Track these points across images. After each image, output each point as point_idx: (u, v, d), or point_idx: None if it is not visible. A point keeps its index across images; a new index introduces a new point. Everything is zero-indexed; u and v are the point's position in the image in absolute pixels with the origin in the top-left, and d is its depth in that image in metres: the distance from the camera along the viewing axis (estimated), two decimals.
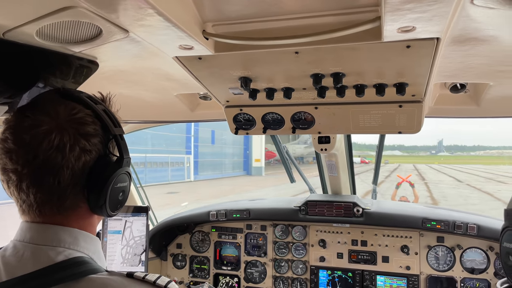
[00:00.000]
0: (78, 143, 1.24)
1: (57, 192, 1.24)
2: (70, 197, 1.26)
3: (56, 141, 1.20)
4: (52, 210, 1.26)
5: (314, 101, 2.13)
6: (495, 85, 2.00)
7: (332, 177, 3.67)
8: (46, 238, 1.24)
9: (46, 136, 1.20)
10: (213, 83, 2.00)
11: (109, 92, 1.51)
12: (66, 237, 1.26)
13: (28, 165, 1.20)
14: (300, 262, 3.66)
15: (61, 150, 1.21)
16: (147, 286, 1.22)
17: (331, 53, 1.58)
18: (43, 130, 1.21)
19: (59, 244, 1.24)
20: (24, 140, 1.21)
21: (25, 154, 1.20)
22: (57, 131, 1.22)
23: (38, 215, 1.26)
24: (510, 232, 1.17)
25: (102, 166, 1.30)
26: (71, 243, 1.26)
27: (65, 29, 1.36)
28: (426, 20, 1.23)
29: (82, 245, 1.28)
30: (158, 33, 1.38)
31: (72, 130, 1.24)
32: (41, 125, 1.22)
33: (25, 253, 1.22)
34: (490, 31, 1.40)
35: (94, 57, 1.70)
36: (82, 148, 1.24)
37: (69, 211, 1.29)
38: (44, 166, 1.20)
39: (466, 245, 3.26)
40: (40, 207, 1.25)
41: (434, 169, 79.54)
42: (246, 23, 1.47)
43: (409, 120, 2.13)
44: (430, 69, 1.65)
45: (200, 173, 44.23)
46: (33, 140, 1.20)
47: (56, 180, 1.21)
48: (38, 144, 1.20)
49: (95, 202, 1.29)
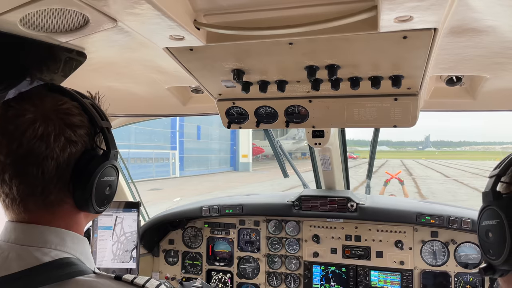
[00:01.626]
0: (64, 133, 1.21)
1: (41, 184, 1.19)
2: (54, 191, 1.22)
3: (40, 130, 1.17)
4: (37, 204, 1.22)
5: (308, 94, 2.10)
6: (491, 77, 1.98)
7: (326, 172, 3.64)
8: (31, 238, 1.20)
9: (30, 125, 1.17)
10: (205, 76, 1.95)
11: (98, 92, 1.46)
12: (52, 237, 1.22)
13: (12, 155, 1.17)
14: (294, 258, 3.63)
15: (45, 140, 1.17)
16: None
17: (326, 44, 1.55)
18: (27, 119, 1.18)
19: (45, 245, 1.20)
20: (7, 130, 1.18)
21: (9, 144, 1.17)
22: (42, 120, 1.19)
23: (23, 210, 1.22)
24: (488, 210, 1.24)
25: (88, 159, 1.26)
26: (57, 243, 1.22)
27: (50, 17, 1.32)
28: (423, 9, 1.20)
29: (69, 246, 1.24)
30: (147, 23, 1.34)
31: (57, 120, 1.21)
32: (25, 114, 1.19)
33: (10, 254, 1.18)
34: (488, 21, 1.37)
35: (81, 48, 1.65)
36: (68, 139, 1.21)
37: (54, 207, 1.25)
38: (27, 156, 1.17)
39: (460, 240, 3.25)
40: (23, 201, 1.21)
41: (422, 164, 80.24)
42: (239, 13, 1.44)
43: (405, 114, 2.10)
44: (426, 61, 1.62)
45: (186, 169, 44.05)
46: (16, 129, 1.17)
47: (39, 170, 1.18)
48: (22, 133, 1.17)
49: (80, 196, 1.25)
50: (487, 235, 1.22)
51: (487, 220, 1.23)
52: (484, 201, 1.27)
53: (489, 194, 1.24)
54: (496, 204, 1.19)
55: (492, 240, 1.20)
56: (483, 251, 1.25)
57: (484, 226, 1.24)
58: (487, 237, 1.22)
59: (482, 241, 1.26)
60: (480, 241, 1.28)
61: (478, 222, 1.29)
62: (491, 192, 1.23)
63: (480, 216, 1.27)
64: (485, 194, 1.27)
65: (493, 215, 1.20)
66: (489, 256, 1.21)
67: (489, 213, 1.23)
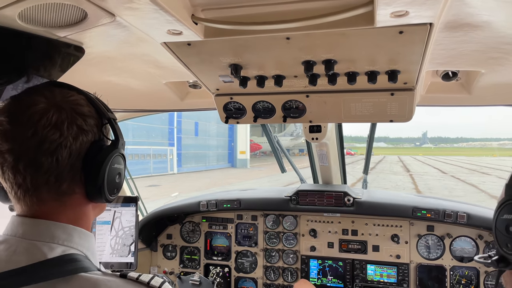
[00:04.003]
0: (76, 121, 1.23)
1: (55, 172, 1.20)
2: (67, 180, 1.24)
3: (54, 118, 1.19)
4: (50, 194, 1.23)
5: (305, 89, 2.11)
6: (487, 72, 1.99)
7: (323, 166, 3.66)
8: (39, 233, 1.21)
9: (43, 113, 1.19)
10: (203, 70, 1.96)
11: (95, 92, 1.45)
12: (60, 233, 1.23)
13: (27, 143, 1.18)
14: (291, 252, 3.66)
15: (59, 127, 1.19)
16: (141, 287, 1.20)
17: (323, 39, 1.56)
18: (40, 108, 1.20)
19: (52, 240, 1.21)
20: (21, 119, 1.19)
21: (23, 132, 1.18)
22: (55, 109, 1.21)
23: (36, 201, 1.23)
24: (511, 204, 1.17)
25: (98, 148, 1.28)
26: (65, 239, 1.23)
27: (49, 12, 1.32)
28: (419, 4, 1.21)
29: (76, 241, 1.25)
30: (145, 17, 1.34)
31: (69, 109, 1.24)
32: (38, 104, 1.21)
33: (18, 248, 1.19)
34: (484, 16, 1.38)
35: (80, 43, 1.65)
36: (79, 127, 1.24)
37: (65, 196, 1.26)
38: (42, 144, 1.18)
39: (455, 233, 3.28)
40: (37, 191, 1.22)
41: (419, 160, 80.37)
42: (236, 8, 1.45)
43: (401, 108, 2.12)
44: (422, 56, 1.64)
45: (184, 165, 43.88)
46: (30, 118, 1.18)
47: (54, 158, 1.19)
48: (36, 121, 1.18)
49: (92, 184, 1.27)
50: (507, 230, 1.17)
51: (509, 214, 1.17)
52: (507, 194, 1.20)
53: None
54: None
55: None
56: (499, 244, 1.20)
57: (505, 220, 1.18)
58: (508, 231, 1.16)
59: (500, 234, 1.20)
60: (496, 233, 1.22)
61: (496, 214, 1.23)
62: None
63: (500, 209, 1.21)
64: (509, 186, 1.20)
65: None
66: (505, 250, 1.17)
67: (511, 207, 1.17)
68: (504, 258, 1.18)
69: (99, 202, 1.36)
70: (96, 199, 1.32)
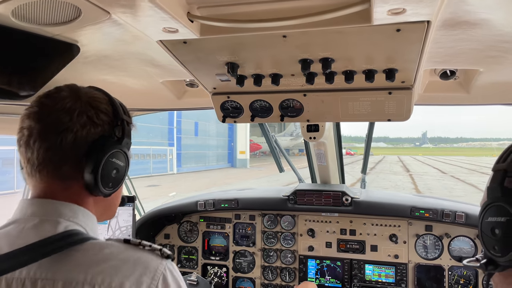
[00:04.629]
0: (87, 112, 1.36)
1: (58, 152, 1.31)
2: (68, 163, 1.33)
3: (68, 105, 1.34)
4: (53, 173, 1.34)
5: (302, 88, 2.10)
6: (485, 71, 1.98)
7: (321, 166, 3.65)
8: (47, 211, 1.32)
9: (62, 100, 1.35)
10: (199, 69, 1.95)
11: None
12: (67, 211, 1.33)
13: (40, 121, 1.32)
14: (289, 252, 3.65)
15: (70, 113, 1.33)
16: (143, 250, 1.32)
17: (320, 37, 1.55)
18: (62, 95, 1.37)
19: (59, 217, 1.31)
20: (45, 103, 1.35)
21: (41, 113, 1.33)
22: (72, 98, 1.36)
23: (39, 179, 1.34)
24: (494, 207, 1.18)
25: (102, 141, 1.38)
26: (70, 216, 1.33)
27: (43, 9, 1.31)
28: (416, 1, 1.20)
29: (81, 219, 1.36)
30: (140, 15, 1.33)
31: (85, 101, 1.37)
32: (61, 93, 1.38)
33: (26, 225, 1.29)
34: (481, 14, 1.37)
35: (75, 41, 1.64)
36: (90, 118, 1.36)
37: (67, 180, 1.36)
38: (52, 124, 1.31)
39: (454, 233, 3.27)
40: (40, 166, 1.33)
41: (419, 160, 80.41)
42: (232, 5, 1.44)
43: (399, 107, 2.11)
44: (420, 54, 1.63)
45: (184, 166, 43.82)
46: (51, 102, 1.35)
47: (59, 139, 1.31)
48: (53, 105, 1.34)
49: (88, 173, 1.34)
50: (493, 232, 1.17)
51: (493, 217, 1.17)
52: (490, 197, 1.21)
53: (496, 190, 1.18)
54: (505, 201, 1.14)
55: (500, 237, 1.14)
56: (486, 247, 1.20)
57: (490, 223, 1.18)
58: (493, 234, 1.16)
59: (486, 237, 1.20)
60: (483, 236, 1.22)
61: (481, 217, 1.22)
62: (499, 188, 1.17)
63: (484, 212, 1.21)
64: (491, 189, 1.21)
65: (502, 212, 1.14)
66: (493, 253, 1.16)
67: (496, 209, 1.17)
68: (492, 261, 1.18)
69: (95, 195, 1.40)
70: (92, 189, 1.37)
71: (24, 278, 1.22)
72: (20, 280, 1.22)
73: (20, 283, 1.22)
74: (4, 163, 19.06)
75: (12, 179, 16.27)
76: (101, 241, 1.30)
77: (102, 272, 1.21)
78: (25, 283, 1.21)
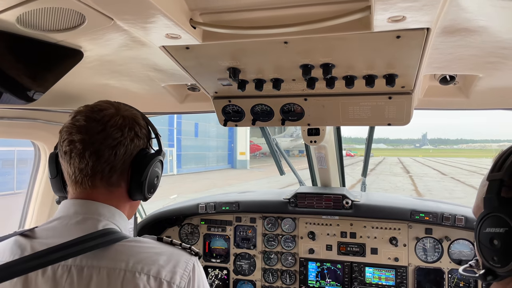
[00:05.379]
0: (134, 127, 1.55)
1: (111, 163, 1.48)
2: (117, 173, 1.51)
3: (119, 122, 1.50)
4: (102, 181, 1.49)
5: (303, 92, 2.12)
6: (484, 76, 2.00)
7: (321, 169, 3.66)
8: (89, 210, 1.47)
9: (112, 117, 1.51)
10: (201, 74, 1.97)
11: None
12: (105, 211, 1.49)
13: (96, 136, 1.46)
14: (289, 254, 3.66)
15: (122, 129, 1.50)
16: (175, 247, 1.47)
17: (321, 43, 1.57)
18: (110, 112, 1.52)
19: (99, 216, 1.46)
20: (95, 118, 1.49)
21: (95, 127, 1.47)
22: (121, 115, 1.53)
23: (90, 185, 1.49)
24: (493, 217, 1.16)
25: (145, 153, 1.58)
26: (109, 216, 1.49)
27: (48, 16, 1.33)
28: (416, 9, 1.21)
29: (117, 219, 1.52)
30: (144, 21, 1.35)
31: (130, 118, 1.55)
32: (108, 109, 1.52)
33: (70, 221, 1.44)
34: (480, 21, 1.39)
35: (78, 46, 1.66)
36: (136, 133, 1.55)
37: (113, 187, 1.52)
38: (107, 139, 1.47)
39: (453, 236, 3.29)
40: (93, 176, 1.47)
41: (419, 162, 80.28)
42: (235, 12, 1.45)
43: (399, 112, 2.12)
44: (420, 60, 1.64)
45: (184, 167, 43.65)
46: (102, 118, 1.49)
47: (113, 152, 1.47)
48: (107, 121, 1.48)
49: (136, 180, 1.54)
50: (491, 243, 1.15)
51: (492, 228, 1.16)
52: (487, 207, 1.19)
53: (493, 200, 1.17)
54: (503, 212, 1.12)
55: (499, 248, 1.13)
56: (484, 257, 1.19)
57: (488, 233, 1.17)
58: (492, 244, 1.15)
59: (485, 247, 1.19)
60: (481, 247, 1.21)
61: (478, 228, 1.21)
62: (496, 198, 1.16)
63: (481, 222, 1.20)
64: (487, 199, 1.19)
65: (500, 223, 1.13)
66: (492, 263, 1.16)
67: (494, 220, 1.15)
68: (491, 271, 1.17)
69: (137, 199, 1.61)
70: (135, 195, 1.57)
71: (70, 265, 1.35)
72: (66, 267, 1.35)
73: (66, 269, 1.35)
74: (4, 164, 19.05)
75: (12, 180, 16.23)
76: (138, 237, 1.47)
77: (141, 261, 1.36)
78: (71, 270, 1.35)
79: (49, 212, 3.07)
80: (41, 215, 3.06)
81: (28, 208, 3.07)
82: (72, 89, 2.22)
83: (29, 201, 3.06)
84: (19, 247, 1.41)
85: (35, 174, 3.06)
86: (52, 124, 2.83)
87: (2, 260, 1.37)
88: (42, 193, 3.04)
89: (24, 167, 14.26)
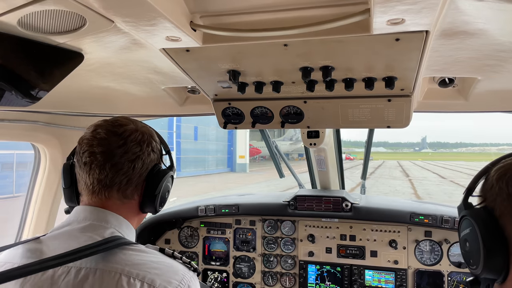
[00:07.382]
0: (151, 143, 1.67)
1: (128, 176, 1.57)
2: (132, 186, 1.60)
3: (139, 137, 1.62)
4: (118, 193, 1.58)
5: (303, 95, 2.12)
6: (483, 79, 2.01)
7: (321, 172, 3.67)
8: (97, 217, 1.54)
9: (132, 132, 1.61)
10: (201, 76, 1.97)
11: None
12: (113, 220, 1.56)
13: (117, 149, 1.55)
14: (289, 257, 3.66)
15: (141, 144, 1.61)
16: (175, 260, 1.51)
17: (320, 46, 1.57)
18: (130, 127, 1.63)
19: (106, 224, 1.53)
20: (115, 132, 1.58)
21: (116, 141, 1.56)
22: (140, 131, 1.64)
23: (106, 195, 1.57)
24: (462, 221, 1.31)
25: (158, 168, 1.68)
26: (116, 225, 1.56)
27: (48, 18, 1.33)
28: (415, 12, 1.22)
29: (124, 229, 1.58)
30: (144, 24, 1.35)
31: (148, 134, 1.68)
32: (128, 125, 1.63)
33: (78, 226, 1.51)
34: (479, 24, 1.40)
35: (79, 49, 1.67)
36: (152, 148, 1.67)
37: (126, 199, 1.61)
38: (127, 153, 1.57)
39: (453, 239, 3.29)
40: (110, 187, 1.56)
41: (418, 165, 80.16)
42: (235, 15, 1.46)
43: (398, 114, 2.13)
44: (419, 63, 1.65)
45: (183, 170, 43.52)
46: (123, 133, 1.59)
47: (132, 165, 1.57)
48: (127, 136, 1.59)
49: (149, 194, 1.64)
50: (465, 245, 1.27)
51: (463, 230, 1.29)
52: (459, 214, 1.35)
53: (461, 206, 1.35)
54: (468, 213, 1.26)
55: (470, 249, 1.24)
56: (467, 263, 1.29)
57: (462, 237, 1.30)
58: (465, 247, 1.27)
59: (464, 252, 1.30)
60: (463, 254, 1.32)
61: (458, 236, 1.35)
62: (462, 204, 1.35)
63: (458, 229, 1.34)
64: (458, 207, 1.37)
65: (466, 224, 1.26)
66: (471, 267, 1.24)
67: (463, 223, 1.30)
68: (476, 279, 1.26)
69: (147, 212, 1.69)
70: (146, 208, 1.66)
71: (70, 266, 1.41)
72: (66, 268, 1.41)
73: (66, 270, 1.41)
74: (3, 167, 19.02)
75: (11, 184, 16.20)
76: (141, 246, 1.50)
77: (138, 267, 1.40)
78: (70, 270, 1.40)
79: (49, 215, 3.06)
80: (41, 218, 3.05)
81: (28, 211, 3.06)
82: (72, 92, 2.22)
83: (28, 204, 3.06)
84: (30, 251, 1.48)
85: (35, 176, 3.06)
86: (53, 127, 2.83)
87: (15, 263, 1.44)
88: (42, 196, 3.04)
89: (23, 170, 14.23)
